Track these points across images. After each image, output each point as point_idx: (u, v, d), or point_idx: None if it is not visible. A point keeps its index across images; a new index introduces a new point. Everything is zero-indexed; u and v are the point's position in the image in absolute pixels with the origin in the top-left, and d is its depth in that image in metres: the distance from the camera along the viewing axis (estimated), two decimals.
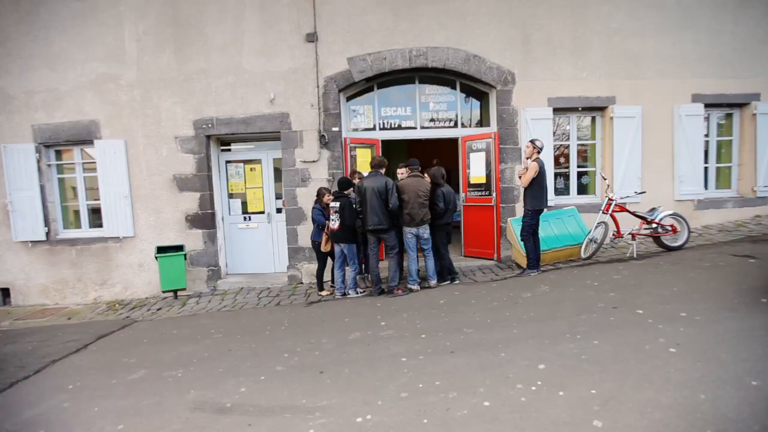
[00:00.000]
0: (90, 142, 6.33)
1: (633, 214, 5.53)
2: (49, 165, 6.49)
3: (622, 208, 5.57)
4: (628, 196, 5.81)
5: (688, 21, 6.41)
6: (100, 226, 6.49)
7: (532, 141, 5.15)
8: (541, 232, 5.49)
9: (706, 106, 6.53)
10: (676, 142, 6.47)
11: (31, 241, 6.38)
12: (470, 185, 6.73)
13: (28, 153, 6.26)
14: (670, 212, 5.53)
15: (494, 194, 6.42)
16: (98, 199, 6.41)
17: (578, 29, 6.32)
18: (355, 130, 6.70)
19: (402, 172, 5.36)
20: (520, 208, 6.08)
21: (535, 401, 2.43)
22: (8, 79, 6.26)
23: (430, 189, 5.17)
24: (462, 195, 6.82)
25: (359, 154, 6.46)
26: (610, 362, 2.83)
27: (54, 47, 6.23)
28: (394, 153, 9.20)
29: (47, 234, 6.39)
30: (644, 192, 5.96)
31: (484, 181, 6.57)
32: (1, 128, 6.28)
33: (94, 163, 6.38)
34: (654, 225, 5.45)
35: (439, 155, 8.98)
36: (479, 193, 6.62)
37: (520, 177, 5.22)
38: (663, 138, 6.46)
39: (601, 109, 6.54)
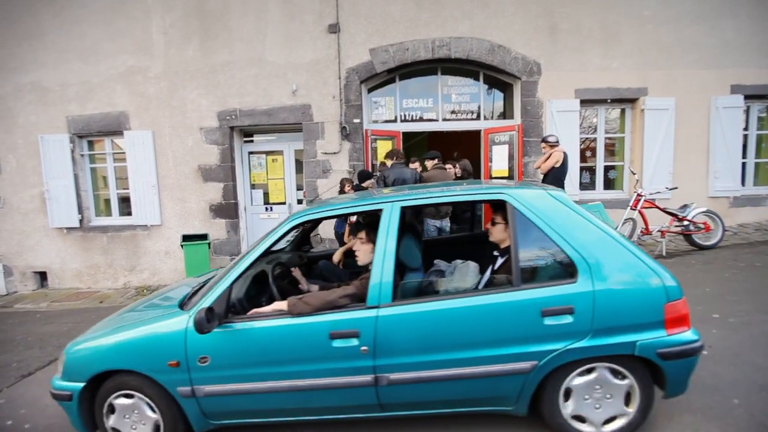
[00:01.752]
0: (120, 133, 6.54)
1: (663, 210, 5.33)
2: (82, 155, 6.76)
3: (651, 204, 5.37)
4: (658, 192, 5.58)
5: (728, 7, 6.05)
6: (129, 214, 6.72)
7: (544, 140, 5.06)
8: None
9: (746, 97, 6.18)
10: (711, 136, 6.16)
11: (66, 228, 6.68)
12: (491, 179, 6.62)
13: (63, 143, 6.52)
14: (704, 209, 5.30)
15: None
16: (127, 188, 6.64)
17: (608, 17, 6.06)
18: (375, 121, 6.67)
19: (416, 166, 5.34)
20: None
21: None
22: (44, 72, 6.51)
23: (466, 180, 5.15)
24: None
25: (380, 146, 6.44)
26: None
27: (86, 41, 6.44)
28: (413, 145, 9.13)
29: (80, 221, 6.67)
30: (676, 188, 5.72)
31: (506, 174, 6.45)
32: (38, 119, 6.56)
33: (124, 153, 6.59)
34: (685, 222, 5.24)
35: (460, 148, 8.86)
36: None
37: (537, 168, 5.15)
38: (697, 131, 6.16)
39: (632, 100, 6.28)
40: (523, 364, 1.93)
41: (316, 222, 3.51)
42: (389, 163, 5.21)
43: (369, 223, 2.47)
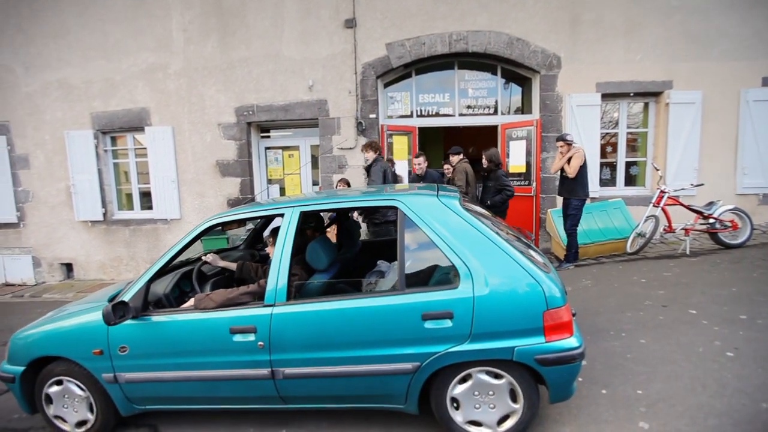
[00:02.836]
0: (141, 129, 6.69)
1: (688, 208, 5.16)
2: (105, 150, 6.95)
3: (675, 201, 5.21)
4: (682, 189, 5.40)
5: None
6: (150, 208, 6.89)
7: (562, 138, 4.94)
8: (584, 225, 5.26)
9: None
10: (740, 131, 5.92)
11: (91, 221, 6.89)
12: (509, 174, 6.51)
13: (88, 139, 6.71)
14: (731, 207, 5.11)
15: (534, 184, 6.20)
16: (148, 183, 6.80)
17: (632, 8, 5.86)
18: (391, 117, 6.64)
19: (420, 161, 5.16)
20: (560, 199, 5.84)
21: (577, 398, 2.36)
22: (69, 69, 6.70)
23: (494, 172, 4.95)
24: None
25: (396, 142, 6.42)
26: (658, 363, 2.70)
27: (109, 39, 6.59)
28: (429, 141, 9.06)
29: (104, 215, 6.87)
30: (702, 184, 5.52)
31: (523, 170, 6.35)
32: (64, 116, 6.77)
33: (145, 149, 6.75)
34: (711, 220, 5.06)
35: (476, 144, 8.76)
36: (518, 183, 6.41)
37: (562, 169, 4.99)
38: (725, 126, 5.93)
39: (656, 94, 6.08)
40: (406, 365, 2.02)
41: (267, 222, 3.71)
42: (370, 156, 5.06)
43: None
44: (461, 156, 5.25)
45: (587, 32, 5.93)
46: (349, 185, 5.31)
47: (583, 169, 4.86)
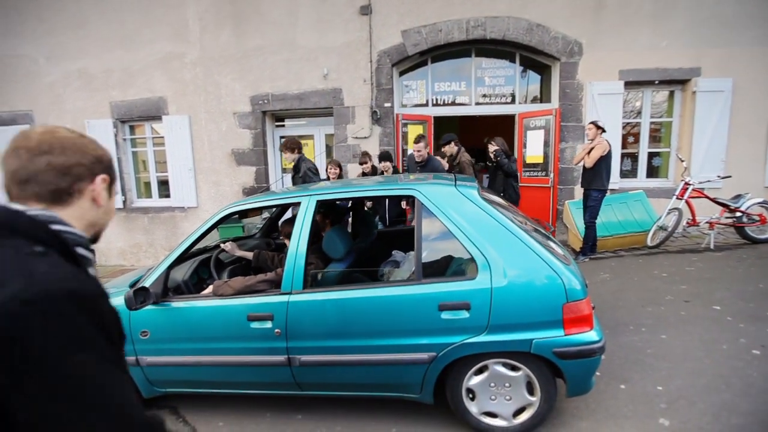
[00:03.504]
0: (158, 118, 6.77)
1: (713, 200, 4.99)
2: (124, 139, 7.06)
3: (700, 194, 5.03)
4: (708, 181, 5.20)
5: None
6: (168, 196, 7.01)
7: (594, 122, 4.77)
8: (603, 217, 5.13)
9: None
10: None
11: None
12: (525, 165, 6.40)
13: (108, 128, 6.83)
14: (760, 200, 4.91)
15: (552, 175, 6.07)
16: (166, 172, 6.91)
17: None
18: (404, 106, 6.56)
19: (420, 146, 4.65)
20: (579, 191, 5.70)
21: (595, 393, 2.32)
22: (89, 59, 6.79)
23: (506, 159, 4.67)
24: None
25: (411, 131, 6.35)
26: (679, 359, 2.63)
27: (126, 28, 6.64)
28: (444, 130, 8.90)
29: (124, 203, 7.02)
30: (729, 176, 5.30)
31: (540, 160, 6.22)
32: (84, 105, 6.89)
33: (162, 138, 6.83)
34: (738, 214, 4.88)
35: (491, 133, 8.58)
36: (535, 174, 6.29)
37: (582, 159, 4.85)
38: (756, 115, 5.66)
39: (682, 82, 5.84)
40: (422, 355, 2.01)
41: (282, 210, 3.74)
42: (290, 156, 4.67)
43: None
44: (459, 146, 4.84)
45: (612, 17, 5.71)
46: (340, 167, 5.04)
47: (606, 160, 4.71)
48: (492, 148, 4.77)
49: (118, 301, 2.33)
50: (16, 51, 6.87)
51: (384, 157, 4.91)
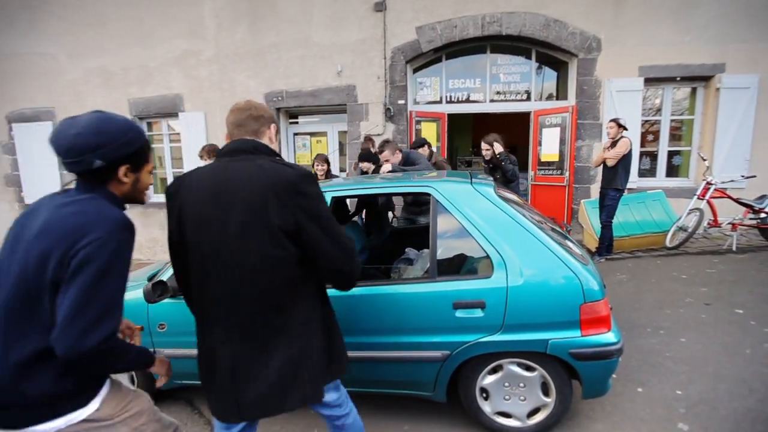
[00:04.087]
0: (175, 115, 6.87)
1: (737, 201, 4.84)
2: None
3: (722, 194, 4.89)
4: (731, 180, 5.04)
5: None
6: None
7: (615, 120, 4.66)
8: (620, 217, 5.03)
9: None
10: None
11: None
12: (540, 163, 6.31)
13: None
14: None
15: (567, 173, 5.97)
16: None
17: None
18: (417, 103, 6.52)
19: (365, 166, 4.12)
20: (595, 190, 5.60)
21: (611, 396, 2.28)
22: (108, 57, 6.93)
23: (511, 165, 4.23)
24: (530, 173, 6.43)
25: (424, 128, 6.31)
26: (699, 363, 2.57)
27: (144, 26, 6.75)
28: (457, 127, 8.87)
29: None
30: (754, 176, 5.13)
31: (556, 159, 6.12)
32: (104, 102, 7.03)
33: (178, 134, 6.94)
34: (763, 215, 4.73)
35: (507, 131, 8.48)
36: (550, 172, 6.20)
37: (605, 158, 4.73)
38: None
39: (705, 78, 5.67)
40: (435, 353, 1.99)
41: None
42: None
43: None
44: (431, 150, 4.49)
45: (631, 12, 5.57)
46: (328, 163, 4.73)
47: (626, 159, 4.60)
48: (497, 149, 4.28)
49: (136, 294, 2.39)
50: (38, 49, 7.05)
51: (365, 157, 4.22)
